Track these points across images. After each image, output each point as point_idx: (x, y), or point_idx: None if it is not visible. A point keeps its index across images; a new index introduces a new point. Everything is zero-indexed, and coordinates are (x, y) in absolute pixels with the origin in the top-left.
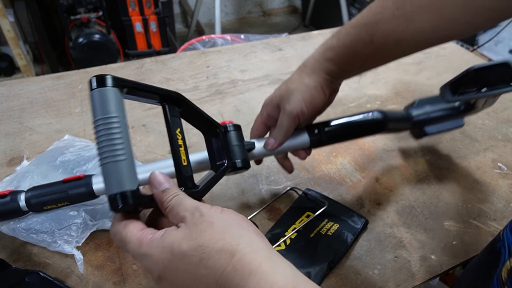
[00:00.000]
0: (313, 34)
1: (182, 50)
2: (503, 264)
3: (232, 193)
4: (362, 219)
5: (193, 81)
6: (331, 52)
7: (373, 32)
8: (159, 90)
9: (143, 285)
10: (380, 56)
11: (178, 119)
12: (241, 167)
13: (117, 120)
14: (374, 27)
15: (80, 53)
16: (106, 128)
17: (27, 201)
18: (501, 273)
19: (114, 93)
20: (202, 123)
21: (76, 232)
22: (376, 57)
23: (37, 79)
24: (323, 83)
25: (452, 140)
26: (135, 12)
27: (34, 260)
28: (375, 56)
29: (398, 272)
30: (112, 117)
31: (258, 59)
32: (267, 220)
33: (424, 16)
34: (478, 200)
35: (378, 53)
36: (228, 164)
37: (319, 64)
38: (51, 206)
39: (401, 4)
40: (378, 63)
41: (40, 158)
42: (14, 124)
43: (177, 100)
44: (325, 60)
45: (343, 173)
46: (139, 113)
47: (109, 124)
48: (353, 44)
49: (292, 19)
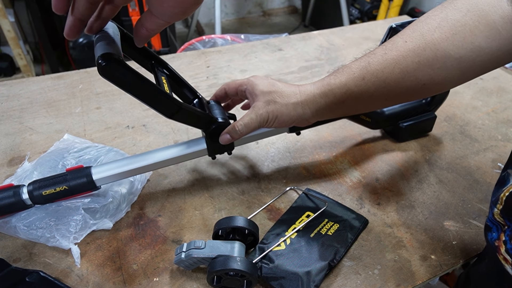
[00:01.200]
0: (313, 34)
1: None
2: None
3: (232, 193)
4: (362, 219)
5: (193, 81)
6: (328, 87)
7: (366, 71)
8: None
9: (143, 285)
10: (370, 95)
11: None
12: (222, 122)
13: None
14: (366, 68)
15: (80, 53)
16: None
17: (30, 194)
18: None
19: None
20: (187, 90)
21: (75, 228)
22: (366, 97)
23: (37, 79)
24: (308, 117)
25: (452, 140)
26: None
27: (34, 260)
28: (365, 95)
29: (398, 272)
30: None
31: (258, 59)
32: (267, 220)
33: (410, 59)
34: (478, 200)
35: (368, 92)
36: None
37: (313, 99)
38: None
39: (389, 49)
40: (368, 104)
41: (40, 161)
42: (14, 124)
43: (165, 65)
44: (320, 96)
45: (343, 173)
46: (139, 113)
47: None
48: (348, 81)
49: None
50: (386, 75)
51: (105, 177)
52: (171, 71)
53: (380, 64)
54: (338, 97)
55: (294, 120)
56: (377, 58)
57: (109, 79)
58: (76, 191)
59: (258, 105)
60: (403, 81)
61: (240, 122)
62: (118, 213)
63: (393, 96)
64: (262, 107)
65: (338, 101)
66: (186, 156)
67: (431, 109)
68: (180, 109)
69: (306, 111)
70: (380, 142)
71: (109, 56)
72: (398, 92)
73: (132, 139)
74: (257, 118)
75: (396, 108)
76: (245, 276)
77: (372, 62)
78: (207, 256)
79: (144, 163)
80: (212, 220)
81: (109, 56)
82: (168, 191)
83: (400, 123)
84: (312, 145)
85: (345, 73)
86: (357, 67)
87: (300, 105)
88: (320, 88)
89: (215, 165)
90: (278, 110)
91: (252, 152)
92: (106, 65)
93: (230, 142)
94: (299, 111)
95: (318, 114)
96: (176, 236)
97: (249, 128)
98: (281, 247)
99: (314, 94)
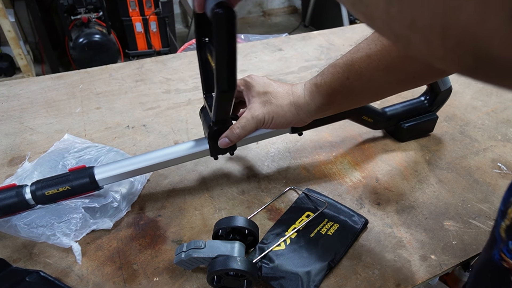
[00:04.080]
0: (313, 34)
1: (182, 50)
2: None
3: (232, 193)
4: (362, 219)
5: (193, 81)
6: (315, 88)
7: (349, 70)
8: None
9: (143, 285)
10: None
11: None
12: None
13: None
14: (350, 66)
15: (80, 53)
16: None
17: (33, 194)
18: (500, 231)
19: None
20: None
21: (75, 226)
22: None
23: (38, 79)
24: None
25: (452, 140)
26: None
27: (34, 260)
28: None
29: (398, 272)
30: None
31: (258, 59)
32: (267, 220)
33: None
34: (478, 200)
35: (355, 90)
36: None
37: (303, 99)
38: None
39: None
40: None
41: (41, 161)
42: (15, 124)
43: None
44: (308, 97)
45: (343, 173)
46: (139, 113)
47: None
48: (333, 82)
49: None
50: (371, 72)
51: (108, 177)
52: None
53: (364, 61)
54: (326, 97)
55: (290, 121)
56: (360, 54)
57: (230, 27)
58: (79, 191)
59: (254, 106)
60: (390, 76)
61: (237, 125)
62: (118, 213)
63: (383, 91)
64: (258, 108)
65: (326, 102)
66: (189, 157)
67: (433, 110)
68: (234, 89)
69: (299, 111)
70: (380, 142)
71: (227, 4)
72: (387, 87)
73: (132, 139)
74: (253, 120)
75: (398, 108)
76: (245, 276)
77: (356, 59)
78: (207, 256)
79: (148, 164)
80: (212, 220)
81: (227, 4)
82: (168, 191)
83: (402, 124)
84: (312, 145)
85: (329, 73)
86: (342, 65)
87: (293, 105)
88: (308, 89)
89: (215, 165)
90: (273, 111)
91: (252, 152)
92: (231, 11)
93: (229, 145)
94: (293, 111)
95: (312, 114)
96: (176, 236)
97: (246, 131)
98: (281, 247)
99: (304, 95)
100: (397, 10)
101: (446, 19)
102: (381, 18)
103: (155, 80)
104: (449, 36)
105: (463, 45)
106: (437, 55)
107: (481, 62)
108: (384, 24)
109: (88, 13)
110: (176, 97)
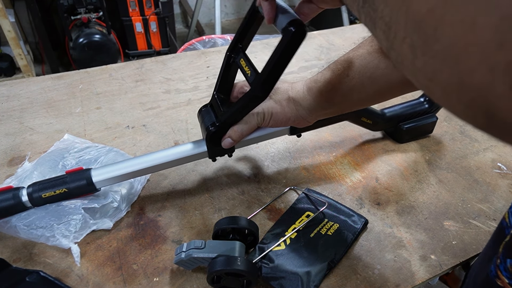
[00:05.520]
0: (313, 34)
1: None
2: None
3: (232, 193)
4: (362, 219)
5: (193, 81)
6: (314, 84)
7: (350, 67)
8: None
9: (143, 285)
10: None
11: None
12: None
13: None
14: (351, 64)
15: (81, 53)
16: None
17: (30, 196)
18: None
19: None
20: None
21: (75, 227)
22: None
23: (38, 79)
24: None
25: (452, 140)
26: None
27: (35, 260)
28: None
29: (398, 272)
30: None
31: (258, 59)
32: (267, 220)
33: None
34: (478, 200)
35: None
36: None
37: (302, 95)
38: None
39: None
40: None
41: (41, 161)
42: (15, 124)
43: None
44: (308, 93)
45: (343, 173)
46: (139, 113)
47: None
48: (333, 79)
49: None
50: (371, 71)
51: (105, 180)
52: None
53: (365, 58)
54: (325, 94)
55: (289, 118)
56: (361, 51)
57: (296, 45)
58: (76, 193)
59: None
60: (391, 76)
61: (238, 124)
62: (118, 213)
63: (383, 91)
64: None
65: (325, 99)
66: (187, 159)
67: (433, 111)
68: (266, 96)
69: (298, 108)
70: (380, 142)
71: (301, 22)
72: (388, 88)
73: (132, 139)
74: (254, 116)
75: (397, 110)
76: (245, 276)
77: (357, 56)
78: (207, 256)
79: (145, 166)
80: (212, 220)
81: (301, 22)
82: (168, 191)
83: (401, 125)
84: (312, 145)
85: (330, 70)
86: (342, 62)
87: (292, 101)
88: (307, 85)
89: (215, 165)
90: (272, 107)
91: (252, 152)
92: (303, 31)
93: (232, 145)
94: (292, 107)
95: (312, 112)
96: (176, 236)
97: (248, 128)
98: (281, 247)
99: (303, 90)
100: (421, 64)
101: (462, 79)
102: (409, 68)
103: (155, 80)
104: (465, 94)
105: (476, 104)
106: (455, 109)
107: (492, 121)
108: (411, 74)
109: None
110: (176, 97)
